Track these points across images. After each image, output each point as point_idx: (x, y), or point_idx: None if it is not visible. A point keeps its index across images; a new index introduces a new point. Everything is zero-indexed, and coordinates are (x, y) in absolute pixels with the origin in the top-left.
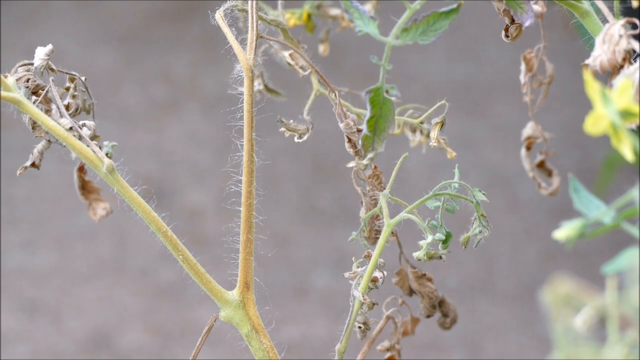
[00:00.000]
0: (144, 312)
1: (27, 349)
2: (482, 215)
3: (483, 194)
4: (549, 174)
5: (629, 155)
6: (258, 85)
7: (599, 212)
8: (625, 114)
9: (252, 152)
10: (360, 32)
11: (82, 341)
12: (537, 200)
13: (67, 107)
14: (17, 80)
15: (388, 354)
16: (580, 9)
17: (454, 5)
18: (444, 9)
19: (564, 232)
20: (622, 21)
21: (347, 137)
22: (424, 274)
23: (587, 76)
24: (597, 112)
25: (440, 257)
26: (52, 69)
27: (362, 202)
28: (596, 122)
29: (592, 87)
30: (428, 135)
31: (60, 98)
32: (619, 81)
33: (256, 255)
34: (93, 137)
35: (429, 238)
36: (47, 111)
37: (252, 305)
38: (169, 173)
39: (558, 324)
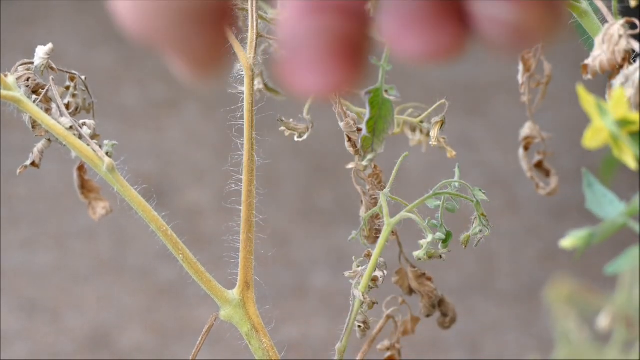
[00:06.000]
0: (143, 312)
1: (26, 348)
2: (482, 214)
3: (483, 193)
4: (547, 174)
5: (632, 164)
6: (258, 84)
7: (617, 212)
8: (624, 123)
9: (252, 151)
10: None
11: (81, 340)
12: (537, 199)
13: (67, 106)
14: (17, 79)
15: (388, 353)
16: (578, 9)
17: None
18: None
19: (571, 241)
20: (622, 21)
21: (347, 136)
22: (424, 273)
23: (581, 91)
24: (595, 125)
25: (440, 257)
26: (52, 68)
27: (362, 201)
28: (595, 135)
29: (587, 101)
30: (428, 135)
31: (60, 97)
32: (613, 90)
33: (256, 255)
34: (93, 136)
35: (429, 237)
36: (47, 110)
37: (252, 305)
38: (169, 172)
39: (560, 323)
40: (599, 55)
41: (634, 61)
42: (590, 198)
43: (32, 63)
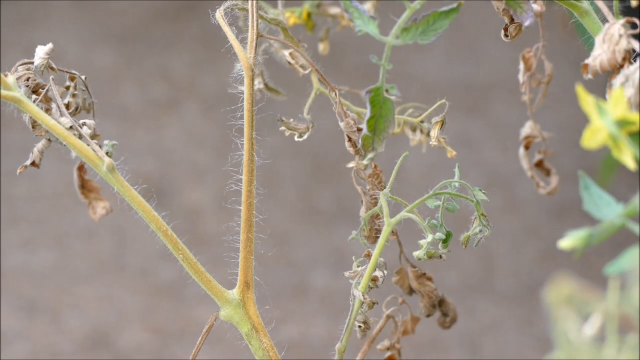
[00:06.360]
0: (143, 311)
1: (26, 348)
2: (482, 214)
3: (483, 193)
4: (548, 173)
5: (631, 164)
6: (258, 84)
7: (614, 213)
8: (623, 124)
9: (252, 151)
10: (360, 32)
11: (81, 340)
12: (537, 199)
13: (67, 106)
14: (17, 79)
15: (388, 353)
16: (579, 8)
17: (454, 5)
18: (444, 8)
19: (570, 241)
20: (622, 20)
21: (348, 136)
22: (424, 273)
23: (580, 90)
24: (594, 125)
25: (441, 257)
26: (52, 68)
27: (362, 201)
28: (593, 135)
29: (586, 101)
30: (428, 134)
31: (60, 97)
32: (613, 90)
33: (256, 255)
34: (93, 136)
35: (429, 237)
36: (47, 110)
37: (252, 304)
38: (169, 172)
39: (559, 324)
40: (599, 55)
41: (634, 61)
42: (587, 200)
43: (32, 63)
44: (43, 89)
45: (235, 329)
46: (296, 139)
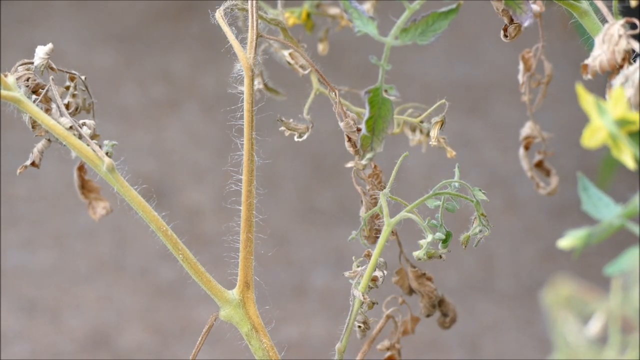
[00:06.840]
0: (143, 311)
1: (26, 348)
2: (482, 214)
3: (483, 193)
4: (547, 173)
5: (631, 164)
6: (258, 84)
7: (612, 214)
8: (623, 123)
9: (252, 151)
10: (359, 32)
11: (81, 340)
12: (537, 199)
13: (67, 106)
14: (17, 79)
15: (388, 353)
16: (579, 9)
17: (453, 6)
18: (443, 9)
19: (569, 241)
20: (622, 21)
21: (347, 136)
22: (424, 273)
23: (580, 90)
24: (594, 124)
25: (440, 257)
26: (52, 68)
27: (362, 201)
28: (593, 134)
29: (586, 100)
30: (428, 135)
31: (60, 97)
32: (613, 90)
33: (256, 255)
34: (93, 136)
35: (429, 237)
36: (47, 110)
37: (252, 305)
38: (169, 172)
39: (558, 325)
40: (599, 55)
41: (634, 61)
42: (586, 201)
43: (32, 63)
44: (43, 89)
45: (235, 329)
46: (296, 139)
